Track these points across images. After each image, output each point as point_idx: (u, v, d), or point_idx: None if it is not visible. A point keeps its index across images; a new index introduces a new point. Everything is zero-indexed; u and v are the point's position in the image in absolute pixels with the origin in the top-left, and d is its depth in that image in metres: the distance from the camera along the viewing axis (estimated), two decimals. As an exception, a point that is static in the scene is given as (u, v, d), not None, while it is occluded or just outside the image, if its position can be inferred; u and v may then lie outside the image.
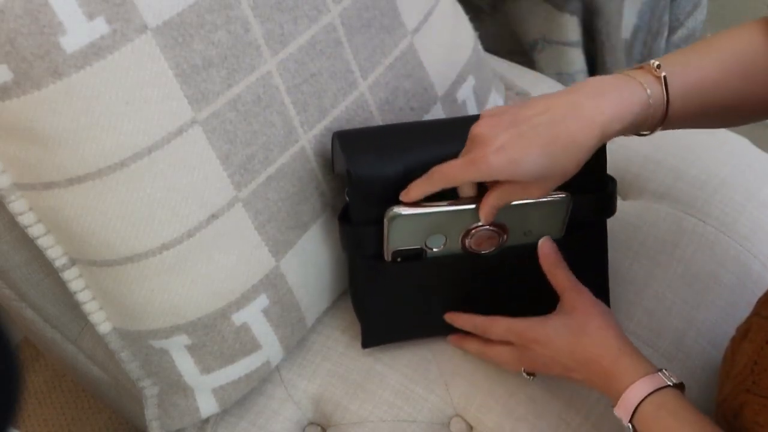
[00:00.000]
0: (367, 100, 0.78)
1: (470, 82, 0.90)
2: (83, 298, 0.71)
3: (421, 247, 0.72)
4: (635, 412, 0.63)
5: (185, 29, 0.62)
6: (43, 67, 0.57)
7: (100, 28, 0.58)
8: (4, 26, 0.55)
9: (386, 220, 0.69)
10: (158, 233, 0.65)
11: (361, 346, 0.80)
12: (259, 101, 0.68)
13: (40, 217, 0.66)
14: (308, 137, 0.73)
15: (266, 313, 0.73)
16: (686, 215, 0.88)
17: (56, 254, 0.68)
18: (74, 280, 0.70)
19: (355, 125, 0.76)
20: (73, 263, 0.69)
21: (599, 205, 0.76)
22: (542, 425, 0.74)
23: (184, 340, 0.71)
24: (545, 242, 0.74)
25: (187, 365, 0.73)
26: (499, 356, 0.75)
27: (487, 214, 0.67)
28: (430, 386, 0.78)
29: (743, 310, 0.67)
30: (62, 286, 0.71)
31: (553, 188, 0.65)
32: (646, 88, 0.63)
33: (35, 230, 0.67)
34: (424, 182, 0.67)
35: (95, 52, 0.58)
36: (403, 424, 0.76)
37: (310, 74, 0.72)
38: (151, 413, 0.77)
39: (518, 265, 0.75)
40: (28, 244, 0.70)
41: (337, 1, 0.73)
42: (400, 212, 0.68)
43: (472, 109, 0.92)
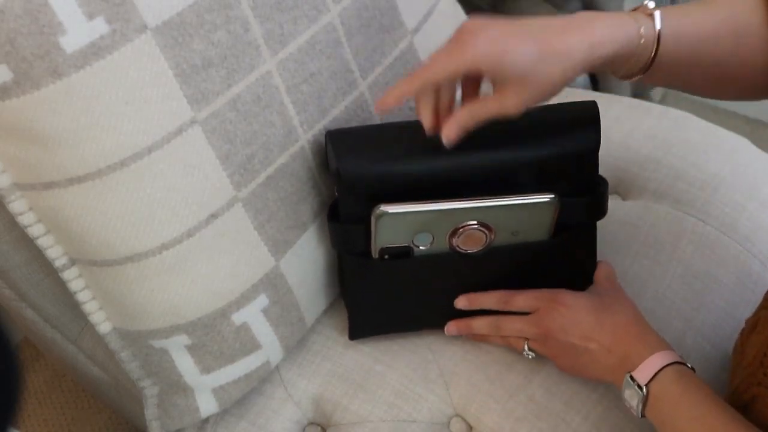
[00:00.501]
0: (366, 99, 0.78)
1: (470, 82, 0.90)
2: (83, 298, 0.71)
3: (408, 245, 0.72)
4: (656, 375, 0.64)
5: (185, 29, 0.62)
6: (43, 67, 0.57)
7: (99, 28, 0.58)
8: (4, 26, 0.55)
9: (373, 217, 0.69)
10: (158, 233, 0.65)
11: (348, 337, 0.80)
12: (258, 101, 0.68)
13: (40, 217, 0.66)
14: (308, 137, 0.73)
15: (266, 312, 0.73)
16: (686, 215, 0.88)
17: (56, 254, 0.68)
18: (74, 280, 0.70)
19: (354, 125, 0.76)
20: (72, 263, 0.69)
21: (590, 207, 0.76)
22: (542, 425, 0.74)
23: (184, 340, 0.71)
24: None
25: (187, 365, 0.73)
26: (511, 323, 0.75)
27: (451, 130, 0.63)
28: (430, 386, 0.78)
29: (743, 310, 0.68)
30: (62, 286, 0.71)
31: (531, 101, 0.62)
32: (637, 21, 0.63)
33: (35, 230, 0.67)
34: (404, 82, 0.64)
35: (95, 52, 0.58)
36: (403, 424, 0.76)
37: (309, 74, 0.72)
38: (151, 413, 0.77)
39: (506, 264, 0.75)
40: (28, 244, 0.70)
41: (336, 1, 0.73)
42: (386, 210, 0.69)
43: (472, 109, 0.92)
